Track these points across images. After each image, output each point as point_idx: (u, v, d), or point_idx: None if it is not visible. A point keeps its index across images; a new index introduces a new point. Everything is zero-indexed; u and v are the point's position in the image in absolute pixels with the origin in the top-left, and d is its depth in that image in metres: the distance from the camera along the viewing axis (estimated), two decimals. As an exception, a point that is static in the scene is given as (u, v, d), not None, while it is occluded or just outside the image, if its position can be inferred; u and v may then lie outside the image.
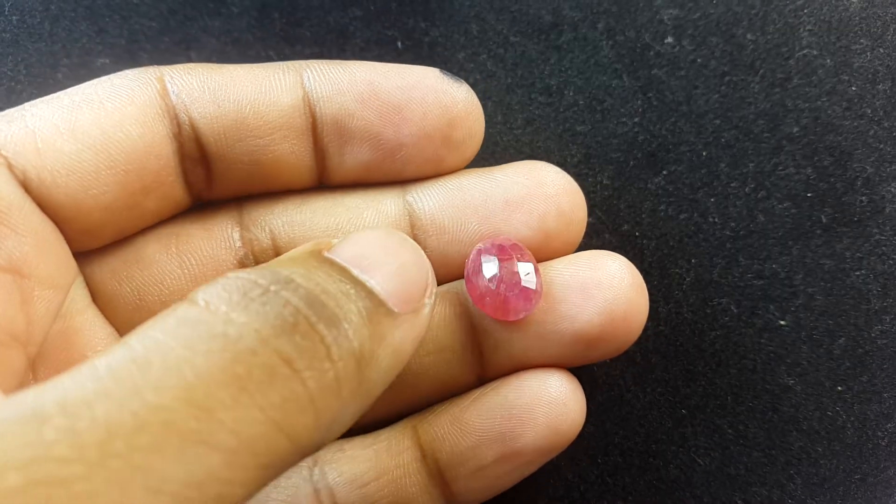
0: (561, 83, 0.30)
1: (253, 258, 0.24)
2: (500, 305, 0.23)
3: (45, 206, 0.21)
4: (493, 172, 0.24)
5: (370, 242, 0.19)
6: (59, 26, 0.30)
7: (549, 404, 0.23)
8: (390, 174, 0.25)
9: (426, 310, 0.20)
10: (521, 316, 0.23)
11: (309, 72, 0.23)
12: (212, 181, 0.24)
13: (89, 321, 0.23)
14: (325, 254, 0.19)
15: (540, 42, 0.30)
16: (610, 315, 0.23)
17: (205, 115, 0.23)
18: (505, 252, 0.23)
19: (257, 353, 0.15)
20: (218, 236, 0.24)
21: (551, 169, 0.24)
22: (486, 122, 0.29)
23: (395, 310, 0.18)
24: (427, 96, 0.23)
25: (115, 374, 0.14)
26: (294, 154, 0.24)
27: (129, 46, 0.30)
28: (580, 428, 0.24)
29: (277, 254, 0.24)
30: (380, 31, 0.30)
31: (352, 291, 0.18)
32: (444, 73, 0.24)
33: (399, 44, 0.30)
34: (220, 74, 0.23)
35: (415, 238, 0.24)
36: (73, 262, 0.22)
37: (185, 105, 0.22)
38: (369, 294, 0.18)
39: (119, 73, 0.23)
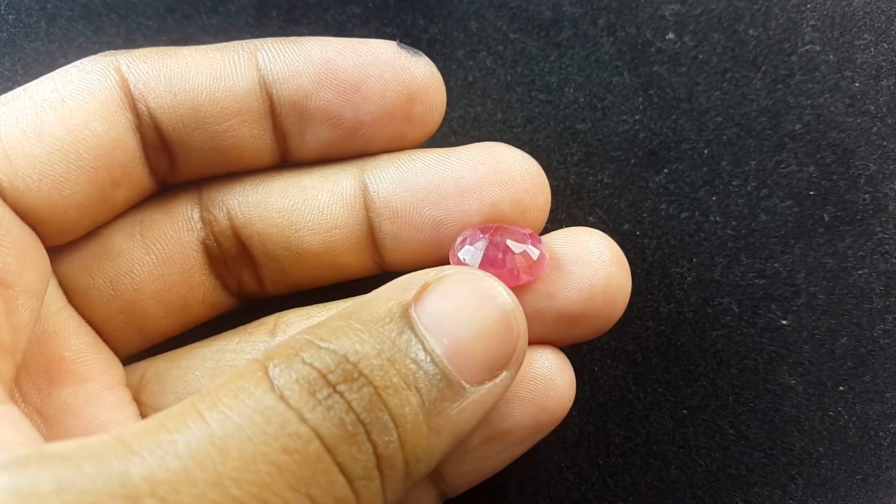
0: (561, 80, 0.29)
1: (214, 239, 0.25)
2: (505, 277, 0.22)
3: (20, 211, 0.21)
4: (450, 155, 0.24)
5: (461, 295, 0.19)
6: (55, 25, 0.30)
7: (534, 381, 0.23)
8: (353, 151, 0.24)
9: (503, 378, 0.20)
10: (524, 281, 0.23)
11: (263, 52, 0.23)
12: (175, 167, 0.24)
13: (63, 323, 0.23)
14: (411, 311, 0.19)
15: (540, 39, 0.30)
16: (590, 291, 0.23)
17: (161, 105, 0.22)
18: (493, 238, 0.22)
19: (322, 461, 0.16)
20: (179, 219, 0.25)
21: (509, 153, 0.24)
22: (486, 120, 0.29)
23: (466, 385, 0.19)
24: (385, 73, 0.23)
25: (195, 456, 0.15)
26: (254, 138, 0.24)
27: (127, 45, 0.30)
28: (570, 403, 0.23)
29: (235, 235, 0.24)
30: (378, 29, 0.30)
31: (420, 375, 0.18)
32: (401, 47, 0.24)
33: (397, 41, 0.30)
34: (174, 61, 0.23)
35: (369, 221, 0.24)
36: (48, 266, 0.23)
37: (142, 95, 0.22)
38: (440, 376, 0.18)
39: (75, 63, 0.23)
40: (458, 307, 0.19)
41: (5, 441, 0.17)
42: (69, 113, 0.21)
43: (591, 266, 0.23)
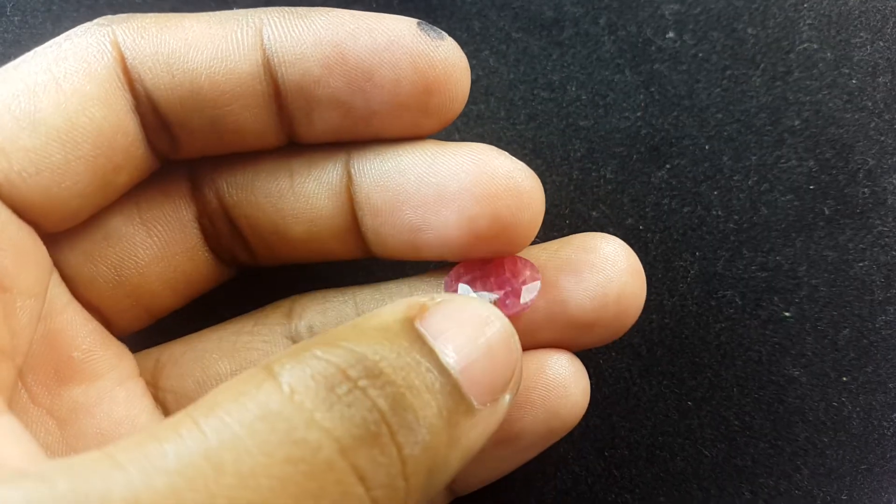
0: (563, 78, 0.30)
1: (207, 218, 0.24)
2: None
3: (18, 207, 0.20)
4: (436, 156, 0.22)
5: (463, 318, 0.19)
6: (61, 27, 0.30)
7: (546, 387, 0.22)
8: (365, 137, 0.23)
9: (505, 401, 0.19)
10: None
11: (269, 29, 0.21)
12: (177, 147, 0.23)
13: (70, 320, 0.22)
14: (417, 325, 0.18)
15: (542, 38, 0.30)
16: (602, 299, 0.22)
17: (159, 87, 0.21)
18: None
19: (334, 468, 0.15)
20: (176, 197, 0.24)
21: (498, 163, 0.22)
22: (489, 118, 0.29)
23: (476, 403, 0.18)
24: (401, 60, 0.21)
25: (185, 471, 0.14)
26: (257, 122, 0.22)
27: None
28: (583, 412, 0.23)
29: (226, 215, 0.24)
30: (382, 29, 0.30)
31: (436, 385, 0.17)
32: (422, 27, 0.21)
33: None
34: (173, 35, 0.21)
35: (354, 215, 0.23)
36: (48, 262, 0.22)
37: (139, 75, 0.21)
38: (453, 388, 0.18)
39: (68, 35, 0.21)
40: (461, 327, 0.18)
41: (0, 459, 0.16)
42: (64, 98, 0.20)
43: (606, 274, 0.22)
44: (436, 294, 0.20)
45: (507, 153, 0.22)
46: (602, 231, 0.28)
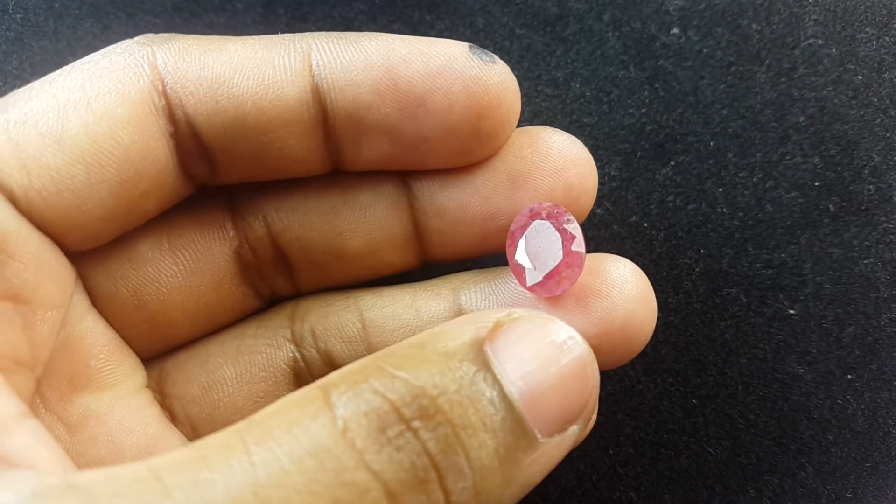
0: (567, 75, 0.30)
1: (249, 247, 0.24)
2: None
3: (39, 222, 0.20)
4: None
5: (536, 341, 0.18)
6: (63, 24, 0.30)
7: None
8: (413, 165, 0.23)
9: (573, 432, 0.18)
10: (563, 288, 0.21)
11: (318, 54, 0.21)
12: (216, 173, 0.22)
13: (89, 328, 0.22)
14: (486, 348, 0.17)
15: (546, 34, 0.30)
16: (606, 327, 0.21)
17: (201, 113, 0.21)
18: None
19: None
20: (210, 228, 0.23)
21: (557, 138, 0.22)
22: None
23: (539, 436, 0.17)
24: (453, 85, 0.21)
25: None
26: (302, 149, 0.22)
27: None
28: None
29: (272, 242, 0.23)
30: (385, 25, 0.30)
31: (497, 419, 0.16)
32: (473, 51, 0.21)
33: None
34: (217, 59, 0.21)
35: (415, 220, 0.23)
36: (71, 273, 0.21)
37: (179, 100, 0.20)
38: (515, 422, 0.17)
39: (108, 51, 0.20)
40: (536, 352, 0.17)
41: (35, 461, 0.16)
42: (94, 119, 0.19)
43: (611, 300, 0.21)
44: (514, 310, 0.19)
45: (558, 129, 0.23)
46: (606, 228, 0.28)
